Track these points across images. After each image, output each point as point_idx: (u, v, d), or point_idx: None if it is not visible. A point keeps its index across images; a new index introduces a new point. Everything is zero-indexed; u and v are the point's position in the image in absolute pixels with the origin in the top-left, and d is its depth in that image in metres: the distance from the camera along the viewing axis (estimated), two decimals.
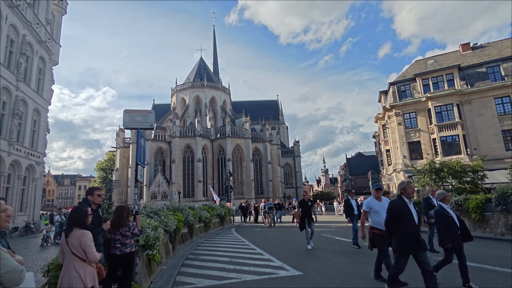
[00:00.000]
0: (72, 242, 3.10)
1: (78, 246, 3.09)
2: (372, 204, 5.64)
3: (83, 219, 3.27)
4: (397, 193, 4.67)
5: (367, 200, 5.79)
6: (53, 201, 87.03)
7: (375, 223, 5.42)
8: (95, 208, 4.33)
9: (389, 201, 4.69)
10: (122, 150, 51.78)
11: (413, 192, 4.57)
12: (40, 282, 5.71)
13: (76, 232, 3.15)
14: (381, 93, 33.78)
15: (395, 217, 4.36)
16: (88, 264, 3.13)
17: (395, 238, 4.38)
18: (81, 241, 3.10)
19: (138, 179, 5.70)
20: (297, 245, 10.27)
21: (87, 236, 3.17)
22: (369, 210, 5.61)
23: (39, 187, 24.78)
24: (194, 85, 62.92)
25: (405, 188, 4.48)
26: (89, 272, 3.12)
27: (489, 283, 4.98)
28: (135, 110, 6.06)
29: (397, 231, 4.33)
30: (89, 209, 3.50)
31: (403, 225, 4.26)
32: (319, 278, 5.75)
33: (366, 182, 54.40)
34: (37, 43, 23.73)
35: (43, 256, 10.70)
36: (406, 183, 4.53)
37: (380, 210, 5.32)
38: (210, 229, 15.38)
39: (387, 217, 4.47)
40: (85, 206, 3.54)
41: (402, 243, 4.26)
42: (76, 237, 3.12)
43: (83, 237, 3.13)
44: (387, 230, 4.54)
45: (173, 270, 6.73)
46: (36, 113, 24.23)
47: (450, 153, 24.65)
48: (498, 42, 29.14)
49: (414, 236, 4.22)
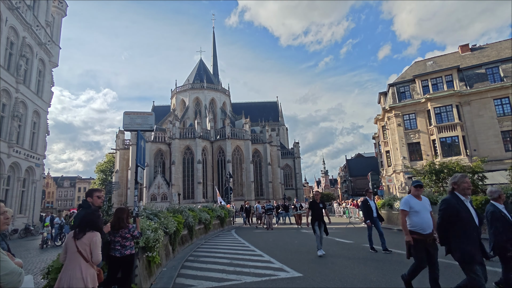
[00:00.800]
0: (82, 241, 3.17)
1: (88, 246, 3.15)
2: (412, 203, 4.65)
3: (97, 222, 3.41)
4: (448, 189, 3.97)
5: (405, 198, 4.92)
6: (53, 203, 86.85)
7: (414, 226, 4.51)
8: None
9: (442, 200, 3.95)
10: (122, 152, 51.78)
11: (469, 188, 3.80)
12: (39, 284, 5.70)
13: (89, 233, 3.26)
14: (380, 95, 33.84)
15: (452, 218, 3.66)
16: (90, 266, 3.15)
17: (455, 245, 3.65)
18: (92, 241, 3.17)
19: (138, 181, 5.70)
20: (298, 246, 10.26)
21: (98, 237, 3.27)
22: (409, 210, 4.66)
23: (39, 189, 24.75)
24: (194, 86, 63.01)
25: (458, 183, 3.76)
26: (90, 274, 3.13)
27: (489, 283, 4.96)
28: (135, 112, 6.06)
29: (456, 235, 3.64)
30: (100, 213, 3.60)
31: (462, 228, 3.62)
32: (319, 280, 5.74)
33: (366, 184, 54.37)
34: (37, 45, 23.76)
35: (43, 258, 10.67)
36: (459, 177, 3.81)
37: (422, 210, 4.54)
38: (210, 230, 15.36)
39: (441, 219, 3.75)
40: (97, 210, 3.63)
41: (466, 250, 3.57)
42: (88, 237, 3.21)
43: (94, 237, 3.22)
44: (442, 235, 3.82)
45: (173, 272, 6.72)
46: (35, 115, 24.23)
47: (450, 154, 24.67)
48: (497, 43, 29.23)
49: (477, 241, 3.63)
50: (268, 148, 54.81)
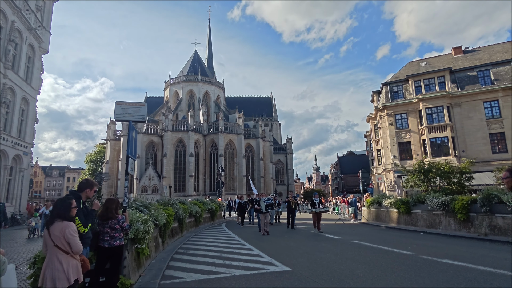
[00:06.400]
0: (54, 234, 3.05)
1: (62, 238, 3.04)
2: None
3: (65, 212, 3.22)
4: None
5: None
6: (41, 193, 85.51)
7: None
8: (84, 201, 4.28)
9: None
10: (113, 142, 51.11)
11: None
12: (26, 274, 5.63)
13: (58, 224, 3.10)
14: (374, 93, 34.09)
15: None
16: (71, 257, 3.09)
17: None
18: (64, 233, 3.06)
19: (129, 172, 5.63)
20: (287, 241, 10.36)
21: (71, 228, 3.13)
22: None
23: (26, 178, 24.27)
24: (188, 79, 62.36)
25: None
26: (72, 265, 3.07)
27: (471, 282, 5.12)
28: (127, 102, 5.97)
29: None
30: (73, 201, 3.43)
31: None
32: (307, 274, 5.82)
33: (356, 181, 55.02)
34: (26, 30, 23.08)
35: (29, 248, 10.52)
36: None
37: None
38: (201, 224, 15.37)
39: None
40: (70, 198, 3.47)
41: None
42: (59, 229, 3.07)
43: (66, 229, 3.08)
44: None
45: (162, 264, 6.72)
46: (24, 102, 23.64)
47: (439, 154, 25.10)
48: (489, 46, 29.66)
49: None
50: (261, 143, 54.88)
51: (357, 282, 5.28)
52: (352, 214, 21.50)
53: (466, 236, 10.69)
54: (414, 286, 4.93)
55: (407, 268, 6.11)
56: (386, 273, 5.78)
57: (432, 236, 11.52)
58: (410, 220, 14.19)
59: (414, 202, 14.08)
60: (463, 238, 10.54)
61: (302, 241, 10.42)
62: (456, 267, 6.12)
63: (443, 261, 6.68)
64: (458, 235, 11.07)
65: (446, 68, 27.61)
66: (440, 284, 5.03)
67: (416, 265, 6.34)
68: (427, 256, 7.26)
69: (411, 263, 6.54)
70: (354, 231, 13.89)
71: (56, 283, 2.97)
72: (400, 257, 7.30)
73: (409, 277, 5.45)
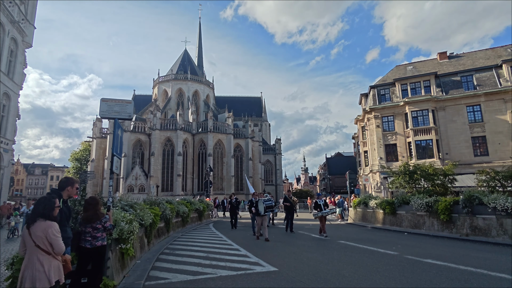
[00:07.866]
0: (36, 234, 2.93)
1: (44, 238, 2.93)
2: None
3: (48, 211, 3.11)
4: None
5: None
6: (22, 191, 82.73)
7: None
8: (66, 199, 4.14)
9: None
10: (99, 140, 50.00)
11: None
12: (3, 276, 5.42)
13: (40, 223, 2.99)
14: (362, 96, 34.61)
15: None
16: (53, 258, 2.98)
17: None
18: (47, 232, 2.95)
19: (114, 171, 5.51)
20: (275, 241, 10.36)
21: (54, 228, 3.03)
22: None
23: (7, 175, 23.47)
24: (177, 77, 61.69)
25: None
26: (53, 266, 2.97)
27: (452, 281, 5.25)
28: (113, 99, 5.84)
29: None
30: (56, 200, 3.32)
31: None
32: (293, 274, 5.83)
33: (344, 182, 55.72)
34: (9, 23, 22.30)
35: (8, 249, 10.15)
36: None
37: None
38: (188, 224, 15.20)
39: None
40: (53, 197, 3.35)
41: None
42: (41, 229, 2.96)
43: (49, 229, 2.98)
44: None
45: (147, 264, 6.60)
46: (5, 97, 22.85)
47: (424, 156, 25.71)
48: (473, 52, 30.60)
49: None
50: (250, 143, 54.83)
51: (343, 282, 5.33)
52: (339, 214, 21.74)
53: (449, 237, 10.98)
54: (398, 286, 5.02)
55: (391, 268, 6.21)
56: (372, 273, 5.87)
57: (416, 236, 11.77)
58: (395, 221, 14.47)
59: (399, 203, 14.37)
60: (446, 239, 10.83)
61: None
62: (439, 266, 6.27)
63: (426, 261, 6.83)
64: (441, 235, 11.36)
65: (432, 72, 28.31)
66: (423, 283, 5.13)
67: (401, 265, 6.46)
68: (411, 256, 7.41)
69: (395, 263, 6.66)
70: (340, 231, 14.06)
71: (36, 284, 2.87)
72: (385, 257, 7.43)
73: (394, 277, 5.54)
